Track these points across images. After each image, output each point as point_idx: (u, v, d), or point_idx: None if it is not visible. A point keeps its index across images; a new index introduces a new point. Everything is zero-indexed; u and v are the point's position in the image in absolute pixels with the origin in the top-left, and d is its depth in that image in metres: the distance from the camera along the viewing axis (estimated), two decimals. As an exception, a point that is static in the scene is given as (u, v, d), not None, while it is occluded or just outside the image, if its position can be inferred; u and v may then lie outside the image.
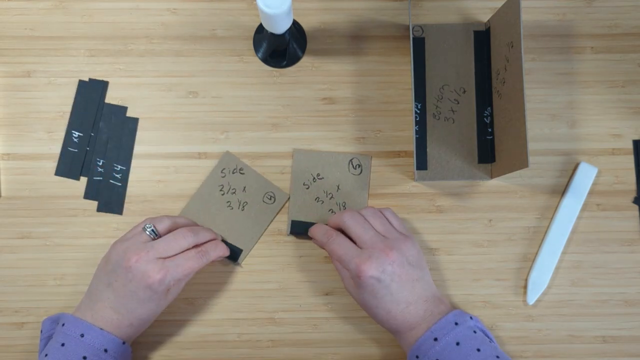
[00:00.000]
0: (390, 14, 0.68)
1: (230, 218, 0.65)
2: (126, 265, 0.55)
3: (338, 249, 0.58)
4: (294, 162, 0.65)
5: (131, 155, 0.65)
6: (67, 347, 0.54)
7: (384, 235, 0.58)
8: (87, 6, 0.67)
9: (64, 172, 0.65)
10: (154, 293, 0.56)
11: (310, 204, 0.65)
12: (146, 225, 0.58)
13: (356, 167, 0.65)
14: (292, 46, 0.65)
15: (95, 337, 0.55)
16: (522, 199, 0.66)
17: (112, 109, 0.66)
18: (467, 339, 0.54)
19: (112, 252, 0.57)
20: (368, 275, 0.55)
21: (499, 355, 0.54)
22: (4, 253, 0.64)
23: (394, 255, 0.56)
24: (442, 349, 0.54)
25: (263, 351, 0.64)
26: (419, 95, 0.67)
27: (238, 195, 0.65)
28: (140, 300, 0.56)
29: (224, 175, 0.65)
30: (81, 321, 0.56)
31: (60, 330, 0.56)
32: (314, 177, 0.65)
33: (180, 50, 0.67)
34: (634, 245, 0.65)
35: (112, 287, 0.56)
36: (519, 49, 0.57)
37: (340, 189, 0.65)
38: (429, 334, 0.55)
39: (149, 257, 0.55)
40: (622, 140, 0.66)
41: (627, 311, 0.65)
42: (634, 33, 0.68)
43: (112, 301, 0.56)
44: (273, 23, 0.57)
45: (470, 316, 0.57)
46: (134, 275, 0.55)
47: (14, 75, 0.66)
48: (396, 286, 0.55)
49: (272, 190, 0.65)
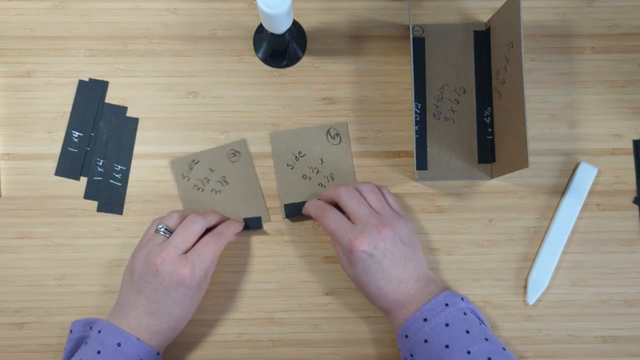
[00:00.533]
0: (390, 14, 0.68)
1: (225, 200, 0.65)
2: (153, 271, 0.55)
3: (331, 223, 0.58)
4: (272, 146, 0.65)
5: (131, 155, 0.65)
6: (103, 355, 0.54)
7: (378, 212, 0.58)
8: (87, 6, 0.67)
9: (64, 172, 0.65)
10: (188, 289, 0.56)
11: (298, 183, 0.65)
12: (158, 226, 0.58)
13: (334, 137, 0.65)
14: (292, 46, 0.65)
15: (132, 347, 0.55)
16: (522, 199, 0.66)
17: (112, 109, 0.66)
18: (456, 321, 0.54)
19: (134, 261, 0.57)
20: (360, 249, 0.55)
21: (488, 337, 0.54)
22: (4, 253, 0.64)
23: (386, 231, 0.56)
24: (430, 329, 0.54)
25: (263, 351, 0.64)
26: (419, 95, 0.67)
27: (213, 179, 0.65)
28: (175, 301, 0.56)
29: (188, 178, 0.65)
30: (118, 330, 0.55)
31: (96, 337, 0.55)
32: (296, 155, 0.65)
33: (180, 50, 0.67)
34: (634, 245, 0.65)
35: (143, 294, 0.56)
36: (519, 49, 0.57)
37: (324, 161, 0.65)
38: (419, 314, 0.55)
39: (171, 256, 0.55)
40: (622, 140, 0.66)
41: (627, 311, 0.65)
42: (634, 33, 0.68)
43: (147, 307, 0.56)
44: (273, 23, 0.57)
45: (462, 297, 0.57)
46: (163, 277, 0.55)
47: (14, 75, 0.66)
48: (388, 262, 0.56)
49: (229, 149, 0.65)
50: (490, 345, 0.53)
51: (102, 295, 0.64)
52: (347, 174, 0.65)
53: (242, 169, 0.65)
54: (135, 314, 0.56)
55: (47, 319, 0.64)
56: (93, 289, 0.64)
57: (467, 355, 0.52)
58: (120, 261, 0.64)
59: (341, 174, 0.65)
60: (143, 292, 0.56)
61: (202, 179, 0.65)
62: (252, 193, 0.65)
